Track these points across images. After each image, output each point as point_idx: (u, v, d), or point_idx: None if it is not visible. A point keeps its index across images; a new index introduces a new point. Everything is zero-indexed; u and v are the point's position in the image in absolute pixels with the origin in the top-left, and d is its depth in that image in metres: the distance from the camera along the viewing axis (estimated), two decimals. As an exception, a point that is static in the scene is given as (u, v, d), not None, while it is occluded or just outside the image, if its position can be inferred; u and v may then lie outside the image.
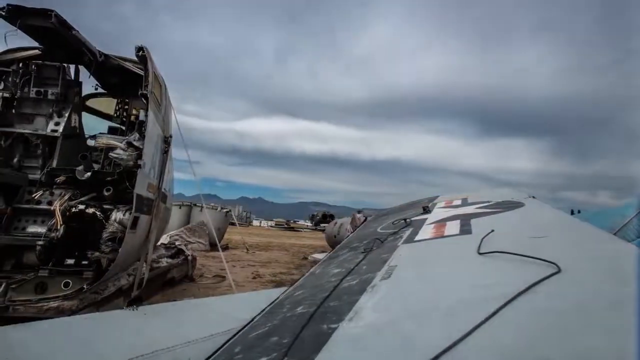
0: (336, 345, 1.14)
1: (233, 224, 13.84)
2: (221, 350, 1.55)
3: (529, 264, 1.41)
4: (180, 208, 11.71)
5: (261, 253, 12.16)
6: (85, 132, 4.83)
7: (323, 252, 12.43)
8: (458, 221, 2.54)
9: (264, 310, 1.96)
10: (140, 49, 3.61)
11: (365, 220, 5.24)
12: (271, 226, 47.96)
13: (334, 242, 13.10)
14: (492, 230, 1.94)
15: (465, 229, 2.26)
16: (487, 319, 1.03)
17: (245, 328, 1.73)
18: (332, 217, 45.32)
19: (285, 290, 2.27)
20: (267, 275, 7.51)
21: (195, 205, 12.44)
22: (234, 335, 1.68)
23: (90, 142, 4.92)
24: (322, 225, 43.70)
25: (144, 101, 3.55)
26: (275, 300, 2.09)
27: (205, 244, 10.58)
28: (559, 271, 1.23)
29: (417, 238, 2.36)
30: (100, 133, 4.94)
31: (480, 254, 1.66)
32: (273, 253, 12.62)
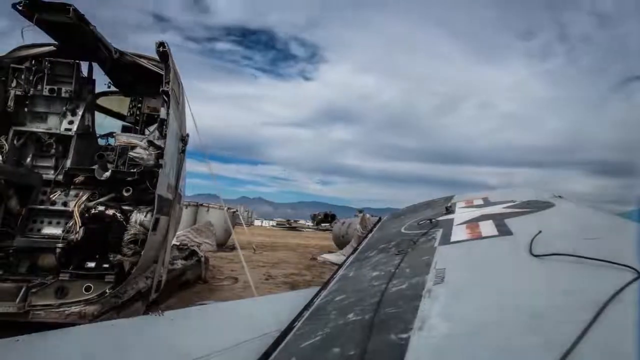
0: (419, 358, 1.04)
1: (239, 224, 13.76)
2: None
3: (595, 268, 1.32)
4: (186, 208, 11.61)
5: (268, 253, 12.06)
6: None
7: (330, 252, 12.33)
8: (491, 221, 2.44)
9: (301, 315, 1.86)
10: (160, 44, 3.52)
11: (379, 220, 5.13)
12: (273, 226, 47.89)
13: (341, 242, 13.01)
14: (540, 231, 1.85)
15: (504, 230, 2.16)
16: (587, 328, 0.94)
17: (290, 336, 1.63)
18: (333, 217, 45.23)
19: (317, 294, 2.17)
20: (280, 277, 7.42)
21: (201, 205, 12.36)
22: (278, 344, 1.58)
23: (101, 142, 4.83)
24: (323, 225, 43.60)
25: (165, 98, 3.45)
26: (312, 305, 1.99)
27: (212, 245, 10.49)
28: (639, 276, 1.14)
29: (453, 239, 2.26)
30: (114, 132, 4.86)
31: (535, 256, 1.57)
32: (280, 253, 12.52)
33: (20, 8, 3.28)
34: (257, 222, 48.67)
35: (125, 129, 4.86)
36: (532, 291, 1.35)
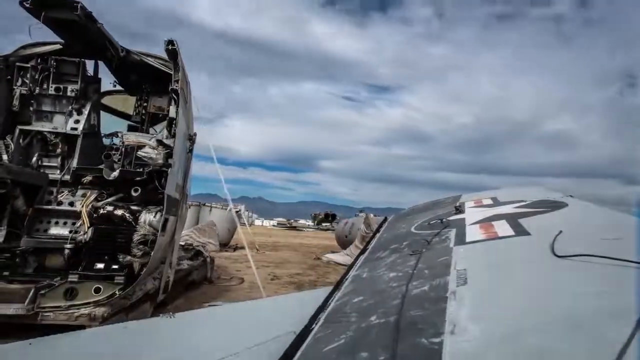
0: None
1: (241, 224, 13.74)
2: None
3: (625, 269, 1.28)
4: (189, 208, 11.57)
5: (271, 253, 12.04)
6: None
7: (333, 252, 12.30)
8: (504, 221, 2.39)
9: (317, 317, 1.81)
10: (169, 42, 3.46)
11: (385, 220, 5.07)
12: (274, 225, 47.82)
13: (344, 241, 12.97)
14: (561, 232, 1.81)
15: (520, 230, 2.12)
16: (634, 333, 0.91)
17: (309, 339, 1.58)
18: (334, 216, 45.20)
19: (331, 295, 2.13)
20: (285, 277, 7.39)
21: (204, 205, 12.35)
22: (296, 347, 1.53)
23: (106, 141, 4.78)
24: (324, 224, 43.56)
25: (175, 97, 3.41)
26: (327, 306, 1.95)
27: (215, 245, 10.45)
28: (673, 278, 1.10)
29: (468, 239, 2.21)
30: (118, 132, 4.82)
31: (559, 256, 1.53)
32: (283, 253, 12.50)
33: (27, 5, 3.22)
34: (257, 222, 48.56)
35: (131, 129, 4.81)
36: (564, 293, 1.30)
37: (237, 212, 12.38)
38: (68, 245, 3.21)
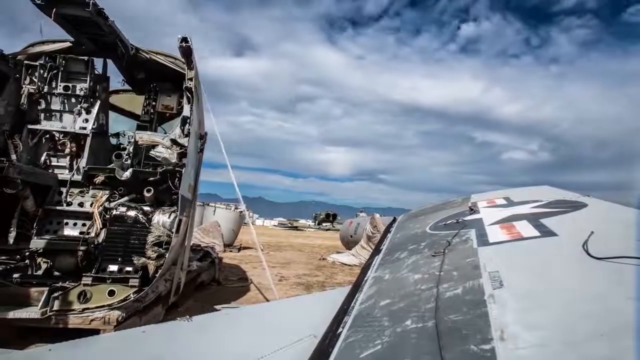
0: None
1: (245, 224, 13.68)
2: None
3: None
4: (194, 208, 11.51)
5: (275, 254, 11.98)
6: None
7: (338, 252, 12.25)
8: (525, 221, 2.33)
9: (342, 321, 1.75)
10: (183, 39, 3.37)
11: (394, 220, 5.00)
12: (274, 226, 47.74)
13: (349, 241, 12.91)
14: (592, 232, 1.75)
15: (545, 231, 2.05)
16: None
17: (340, 344, 1.52)
18: (335, 216, 45.29)
19: (353, 298, 2.08)
20: (292, 278, 7.33)
21: (208, 205, 12.29)
22: (326, 353, 1.47)
23: (112, 141, 4.71)
24: (324, 224, 43.60)
25: (189, 95, 3.33)
26: (351, 309, 1.89)
27: (220, 245, 10.37)
28: None
29: (491, 240, 2.15)
30: (124, 131, 4.77)
31: (596, 258, 1.47)
32: (287, 253, 12.44)
33: (38, 2, 3.15)
34: (258, 222, 48.53)
35: (140, 128, 4.74)
36: (617, 298, 1.24)
37: (240, 212, 12.34)
38: (81, 247, 3.13)
